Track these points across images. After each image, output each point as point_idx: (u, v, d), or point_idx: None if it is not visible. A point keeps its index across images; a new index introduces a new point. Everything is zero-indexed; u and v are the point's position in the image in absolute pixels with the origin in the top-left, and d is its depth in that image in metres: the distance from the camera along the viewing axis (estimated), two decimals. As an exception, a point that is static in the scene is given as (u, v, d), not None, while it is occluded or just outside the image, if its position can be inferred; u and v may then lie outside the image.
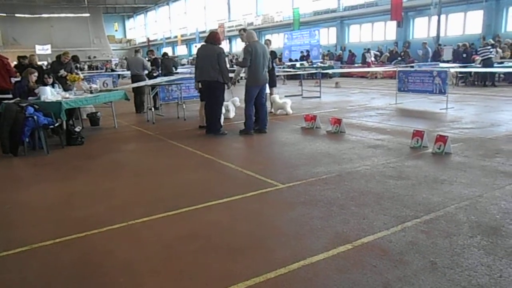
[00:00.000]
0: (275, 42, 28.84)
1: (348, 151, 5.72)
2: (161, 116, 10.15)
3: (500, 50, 15.93)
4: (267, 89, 8.39)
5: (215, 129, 7.27)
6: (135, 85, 10.43)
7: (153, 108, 9.80)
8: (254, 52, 6.95)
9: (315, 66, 19.97)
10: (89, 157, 6.23)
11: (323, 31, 27.97)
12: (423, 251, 2.80)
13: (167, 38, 51.39)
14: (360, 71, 21.20)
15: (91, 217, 3.70)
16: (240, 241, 3.12)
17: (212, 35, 7.22)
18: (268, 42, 10.58)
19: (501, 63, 14.66)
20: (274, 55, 11.29)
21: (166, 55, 13.00)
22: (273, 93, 9.94)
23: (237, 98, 9.25)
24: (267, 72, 7.35)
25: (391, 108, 9.94)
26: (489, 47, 14.26)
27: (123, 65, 30.66)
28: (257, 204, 3.92)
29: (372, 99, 12.03)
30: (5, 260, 2.98)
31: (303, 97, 13.01)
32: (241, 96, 7.81)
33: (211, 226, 3.42)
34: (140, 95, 11.03)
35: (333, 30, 29.09)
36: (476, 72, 14.71)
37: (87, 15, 51.50)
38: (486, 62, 13.69)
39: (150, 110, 9.59)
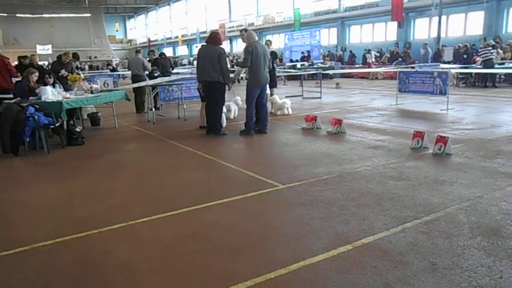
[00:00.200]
0: (276, 43, 28.88)
1: (349, 152, 5.72)
2: (162, 116, 10.15)
3: (501, 51, 15.92)
4: (268, 90, 8.40)
5: (216, 130, 7.27)
6: (136, 85, 10.44)
7: (154, 108, 9.81)
8: (255, 53, 6.95)
9: (316, 67, 19.96)
10: (90, 157, 6.23)
11: (324, 32, 27.95)
12: (423, 252, 2.80)
13: (168, 39, 51.45)
14: (361, 72, 21.20)
15: (91, 217, 3.70)
16: (240, 242, 3.12)
17: (213, 36, 7.23)
18: (269, 43, 10.61)
19: (502, 64, 14.66)
20: (275, 56, 11.32)
21: (164, 55, 13.09)
22: (274, 94, 9.94)
23: (239, 98, 9.25)
24: (268, 73, 7.36)
25: (392, 109, 9.94)
26: (490, 48, 14.25)
27: (124, 65, 30.65)
28: (257, 205, 3.92)
29: (373, 100, 12.03)
30: (5, 260, 2.98)
31: (304, 98, 13.00)
32: (243, 96, 7.82)
33: (211, 226, 3.42)
34: (141, 95, 11.04)
35: (334, 31, 29.11)
36: (477, 73, 14.71)
37: (88, 15, 51.61)
38: (487, 63, 13.69)
39: (151, 110, 9.59)
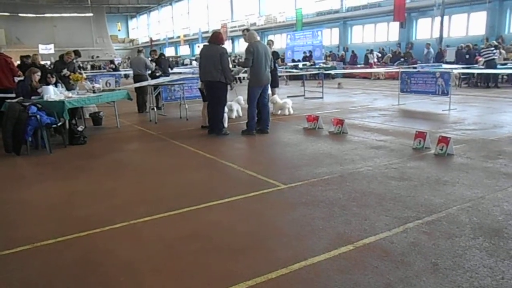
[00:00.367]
0: (278, 43, 28.91)
1: (350, 152, 5.72)
2: (164, 116, 10.16)
3: (504, 51, 15.88)
4: (269, 90, 8.39)
5: (218, 129, 7.27)
6: (138, 85, 10.45)
7: (156, 108, 9.83)
8: (256, 52, 6.95)
9: (318, 67, 19.93)
10: (92, 157, 6.24)
11: (326, 32, 27.92)
12: (425, 252, 2.80)
13: (170, 38, 51.49)
14: (363, 72, 21.17)
15: (93, 216, 3.71)
16: (242, 241, 3.12)
17: (215, 35, 7.23)
18: (271, 43, 10.62)
19: (504, 65, 14.62)
20: (277, 56, 11.30)
21: (163, 55, 13.15)
22: (275, 94, 9.94)
23: (241, 97, 9.25)
24: (269, 73, 7.36)
25: (394, 109, 9.93)
26: (492, 49, 14.22)
27: (125, 64, 30.65)
28: (259, 205, 3.92)
29: (375, 100, 12.01)
30: (7, 259, 2.99)
31: (306, 98, 12.99)
32: (245, 96, 7.82)
33: (213, 226, 3.42)
34: (143, 95, 11.06)
35: (336, 31, 29.08)
36: (479, 74, 14.67)
37: (90, 15, 51.67)
38: (489, 64, 13.66)
39: (153, 110, 9.60)
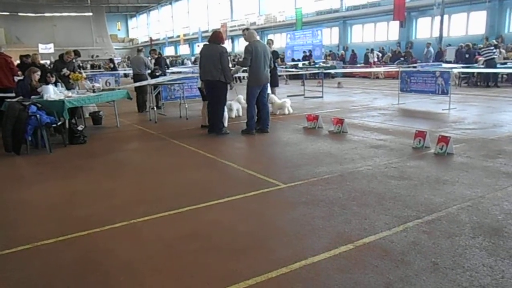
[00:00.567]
0: (278, 42, 28.89)
1: (350, 151, 5.72)
2: (163, 115, 10.16)
3: (503, 51, 15.87)
4: (269, 89, 8.39)
5: (217, 129, 7.27)
6: (138, 84, 10.45)
7: (155, 107, 9.83)
8: (255, 52, 6.95)
9: (318, 66, 19.93)
10: (92, 156, 6.24)
11: (326, 31, 27.94)
12: (425, 252, 2.80)
13: (170, 38, 51.47)
14: (363, 71, 21.17)
15: (93, 216, 3.71)
16: (242, 241, 3.12)
17: (215, 35, 7.22)
18: (271, 42, 10.62)
19: (504, 64, 14.62)
20: (276, 55, 11.30)
21: (160, 55, 13.15)
22: (275, 93, 9.93)
23: (242, 96, 9.25)
24: (269, 72, 7.36)
25: (394, 109, 9.93)
26: (492, 48, 14.21)
27: (125, 64, 30.58)
28: (259, 204, 3.92)
29: (375, 99, 12.02)
30: (8, 258, 2.99)
31: (305, 97, 12.99)
32: (245, 96, 7.81)
33: (213, 226, 3.42)
34: (142, 94, 11.05)
35: (336, 30, 29.08)
36: (479, 73, 14.67)
37: (90, 14, 51.64)
38: (489, 63, 13.66)
39: (152, 109, 9.60)
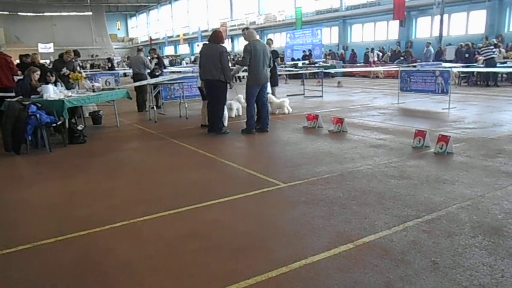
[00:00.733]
0: (277, 41, 28.87)
1: (350, 151, 5.72)
2: (163, 115, 10.15)
3: (503, 50, 15.86)
4: (269, 89, 8.39)
5: (217, 128, 7.27)
6: (137, 84, 10.45)
7: (155, 107, 9.82)
8: (254, 51, 6.95)
9: (317, 65, 19.93)
10: (91, 156, 6.24)
11: (326, 31, 27.92)
12: (425, 251, 2.80)
13: (170, 37, 51.44)
14: (362, 71, 21.17)
15: (93, 216, 3.71)
16: (241, 240, 3.12)
17: (215, 34, 7.22)
18: (270, 42, 10.62)
19: (504, 63, 14.61)
20: (276, 55, 11.30)
21: (157, 55, 13.13)
22: (275, 93, 9.93)
23: (241, 96, 9.25)
24: (268, 71, 7.35)
25: (393, 108, 9.92)
26: (492, 47, 14.21)
27: (125, 63, 30.55)
28: (259, 203, 3.92)
29: (374, 99, 12.01)
30: (7, 258, 2.99)
31: (305, 97, 12.98)
32: (244, 95, 7.82)
33: (212, 225, 3.42)
34: (142, 94, 11.04)
35: (335, 30, 29.06)
36: (479, 72, 14.67)
37: (90, 14, 51.63)
38: (489, 62, 13.66)
39: (152, 109, 9.60)
